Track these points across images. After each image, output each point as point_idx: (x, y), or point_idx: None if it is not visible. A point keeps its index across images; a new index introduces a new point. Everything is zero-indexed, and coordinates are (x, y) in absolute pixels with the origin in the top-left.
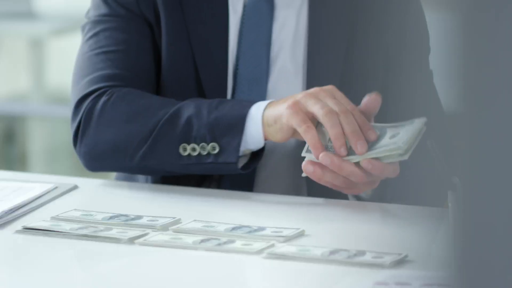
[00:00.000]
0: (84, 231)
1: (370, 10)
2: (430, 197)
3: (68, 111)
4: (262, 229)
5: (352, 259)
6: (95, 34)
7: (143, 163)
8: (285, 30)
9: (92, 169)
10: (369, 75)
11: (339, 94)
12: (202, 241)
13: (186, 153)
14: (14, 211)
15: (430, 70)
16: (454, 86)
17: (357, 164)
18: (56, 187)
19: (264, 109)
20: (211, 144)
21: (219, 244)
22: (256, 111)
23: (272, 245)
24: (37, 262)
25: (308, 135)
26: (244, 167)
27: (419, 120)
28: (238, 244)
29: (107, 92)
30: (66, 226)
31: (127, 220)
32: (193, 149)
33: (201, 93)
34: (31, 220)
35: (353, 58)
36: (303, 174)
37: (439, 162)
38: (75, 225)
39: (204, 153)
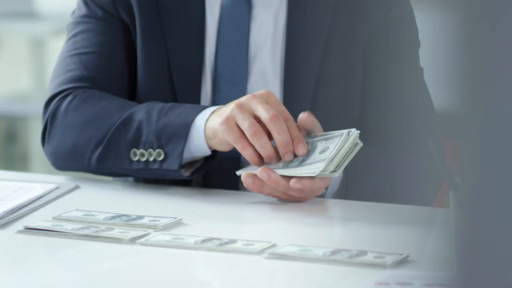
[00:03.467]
0: (86, 231)
1: (349, 8)
2: (418, 196)
3: None
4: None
5: (353, 259)
6: (74, 35)
7: (100, 166)
8: (263, 30)
9: (58, 169)
10: (346, 75)
11: (273, 99)
12: (203, 241)
13: (136, 158)
14: (15, 211)
15: (420, 67)
16: (454, 86)
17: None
18: (57, 187)
19: (207, 119)
20: (157, 150)
21: (220, 244)
22: (200, 120)
23: (274, 245)
24: (38, 262)
25: (246, 153)
26: (196, 172)
27: (354, 132)
28: (239, 244)
29: (72, 94)
30: (67, 226)
31: (129, 220)
32: (142, 155)
33: (173, 94)
34: (33, 220)
35: (330, 58)
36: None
37: (440, 162)
38: (77, 225)
39: (151, 159)
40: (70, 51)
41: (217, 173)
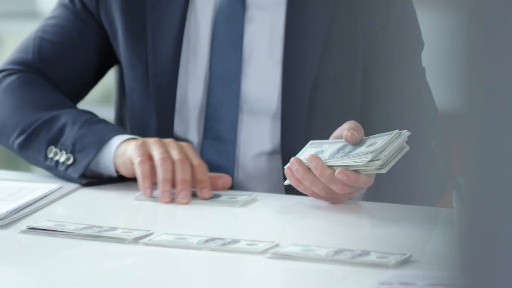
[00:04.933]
0: (89, 231)
1: (349, 11)
2: (424, 197)
3: None
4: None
5: (356, 259)
6: (48, 18)
7: (20, 152)
8: (259, 32)
9: None
10: (345, 78)
11: (189, 149)
12: (206, 241)
13: (50, 155)
14: (18, 211)
15: (422, 68)
16: (457, 85)
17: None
18: (60, 187)
19: (122, 142)
20: (68, 155)
21: (223, 244)
22: (115, 141)
23: (277, 245)
24: (41, 262)
25: (141, 168)
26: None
27: (404, 133)
28: (242, 244)
29: (16, 74)
30: (70, 226)
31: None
32: (56, 154)
33: (149, 92)
34: (36, 220)
35: (329, 60)
36: (286, 182)
37: (443, 162)
38: (80, 225)
39: (61, 160)
40: (38, 32)
41: (213, 162)
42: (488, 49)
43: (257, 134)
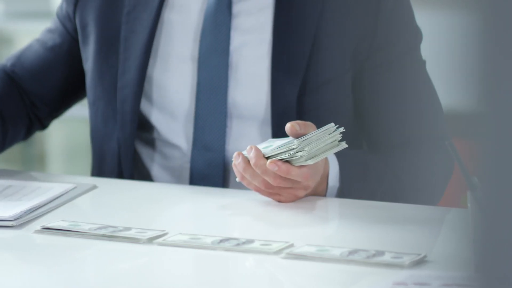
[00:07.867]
0: (103, 231)
1: (336, 14)
2: (424, 196)
3: (85, 111)
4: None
5: (371, 259)
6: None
7: None
8: (246, 38)
9: None
10: (334, 81)
11: None
12: (221, 241)
13: None
14: (33, 211)
15: (422, 61)
16: (474, 86)
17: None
18: (75, 187)
19: None
20: None
21: (238, 244)
22: None
23: (291, 245)
24: (56, 262)
25: None
26: None
27: (339, 129)
28: (257, 244)
29: None
30: (85, 226)
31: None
32: None
33: (115, 102)
34: (50, 220)
35: (316, 64)
36: (237, 179)
37: (458, 163)
38: (94, 225)
39: None
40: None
41: (203, 171)
42: (506, 48)
43: (247, 140)
